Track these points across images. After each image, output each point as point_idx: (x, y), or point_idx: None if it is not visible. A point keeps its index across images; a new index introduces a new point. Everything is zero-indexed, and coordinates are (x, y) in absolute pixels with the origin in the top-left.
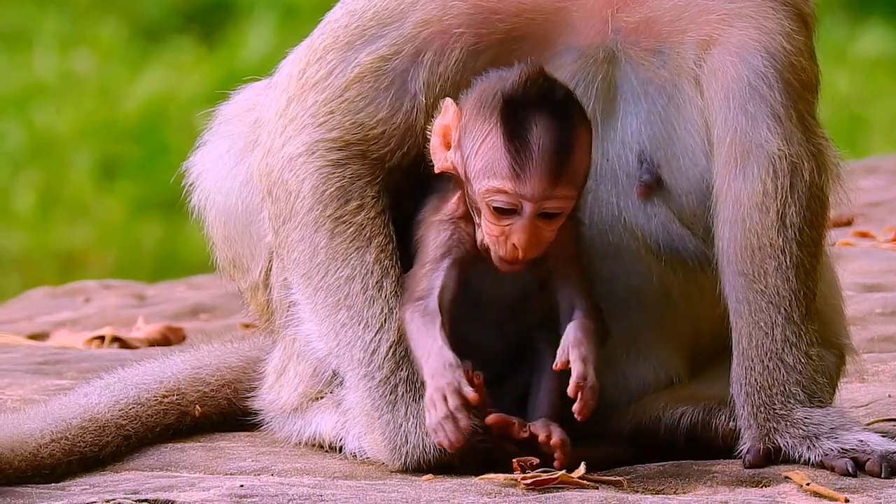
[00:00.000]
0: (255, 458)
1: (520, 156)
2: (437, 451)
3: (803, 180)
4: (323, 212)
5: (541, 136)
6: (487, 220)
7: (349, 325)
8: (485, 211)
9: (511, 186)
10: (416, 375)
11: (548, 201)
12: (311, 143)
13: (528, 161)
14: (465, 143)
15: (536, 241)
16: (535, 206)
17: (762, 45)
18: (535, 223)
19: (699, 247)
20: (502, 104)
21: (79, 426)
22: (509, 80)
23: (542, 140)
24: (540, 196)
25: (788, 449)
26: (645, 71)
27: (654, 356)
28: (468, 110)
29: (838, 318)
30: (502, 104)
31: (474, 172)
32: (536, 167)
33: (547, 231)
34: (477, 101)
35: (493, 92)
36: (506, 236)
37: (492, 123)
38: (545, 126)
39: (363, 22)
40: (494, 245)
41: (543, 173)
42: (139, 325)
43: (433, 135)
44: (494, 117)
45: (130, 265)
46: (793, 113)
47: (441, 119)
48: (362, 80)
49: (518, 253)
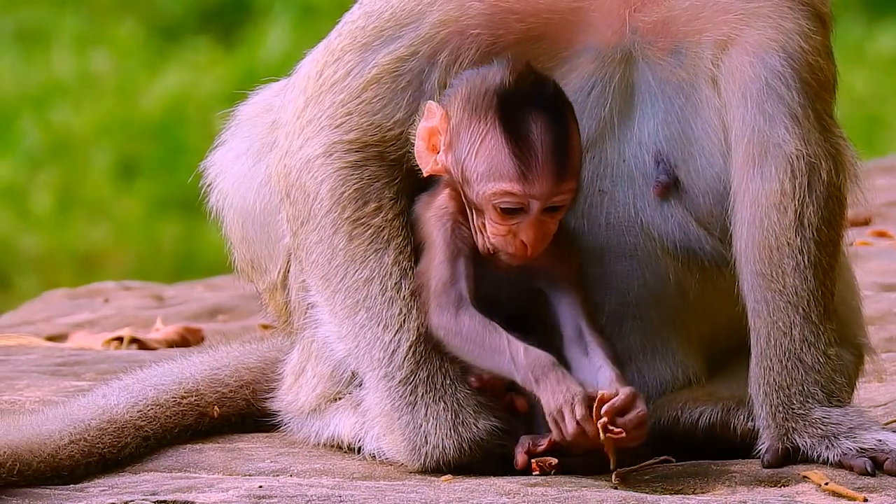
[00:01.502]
0: (273, 458)
1: (525, 157)
2: (456, 451)
3: (821, 180)
4: (341, 214)
5: (543, 135)
6: (493, 220)
7: (368, 325)
8: (490, 212)
9: (519, 188)
10: (436, 375)
11: (554, 197)
12: (328, 144)
13: (534, 161)
14: (459, 146)
15: (543, 236)
16: (542, 204)
17: (780, 45)
18: (541, 218)
19: (716, 247)
20: (497, 103)
21: (97, 427)
22: (498, 77)
23: (545, 139)
24: (549, 193)
25: (807, 448)
26: (662, 71)
27: (672, 356)
28: (458, 111)
29: (856, 318)
30: (497, 103)
31: (476, 175)
32: (543, 167)
33: (551, 224)
34: (466, 101)
35: (484, 91)
36: (513, 234)
37: (489, 124)
38: (545, 123)
39: (380, 23)
40: (502, 244)
41: (550, 172)
42: (158, 327)
43: (417, 139)
44: (490, 118)
45: (149, 266)
46: (810, 113)
47: (425, 122)
48: (380, 81)
49: (527, 249)
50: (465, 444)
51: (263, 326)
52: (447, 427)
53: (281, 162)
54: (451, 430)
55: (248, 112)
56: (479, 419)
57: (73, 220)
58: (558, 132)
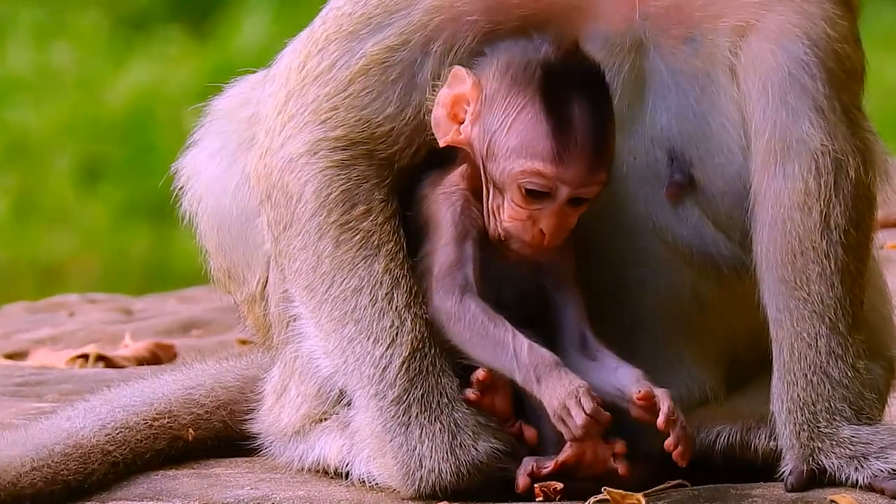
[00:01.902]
0: (253, 485)
1: (563, 138)
2: (453, 475)
3: (848, 178)
4: (327, 217)
5: (584, 119)
6: (514, 202)
7: (357, 339)
8: (513, 192)
9: (552, 170)
10: (431, 394)
11: (584, 187)
12: (313, 142)
13: (572, 144)
14: (490, 118)
15: (563, 227)
16: (571, 192)
17: (803, 32)
18: (566, 209)
19: (735, 252)
20: (541, 78)
21: (62, 453)
22: (543, 51)
23: (586, 123)
24: (580, 181)
25: (834, 470)
26: (676, 60)
27: (687, 369)
28: (494, 82)
29: (888, 328)
30: (541, 78)
31: (506, 150)
32: (581, 151)
33: (573, 217)
34: (505, 71)
35: (526, 63)
36: (533, 220)
37: (528, 97)
38: (588, 107)
39: (368, 9)
40: (518, 230)
41: (587, 158)
42: (126, 342)
43: (438, 105)
44: (531, 91)
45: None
46: (837, 105)
47: (451, 89)
48: (368, 72)
49: (544, 239)
50: (462, 468)
51: (241, 342)
52: (444, 449)
53: (261, 161)
54: (447, 453)
55: (224, 106)
56: (478, 441)
57: (33, 227)
58: (600, 119)
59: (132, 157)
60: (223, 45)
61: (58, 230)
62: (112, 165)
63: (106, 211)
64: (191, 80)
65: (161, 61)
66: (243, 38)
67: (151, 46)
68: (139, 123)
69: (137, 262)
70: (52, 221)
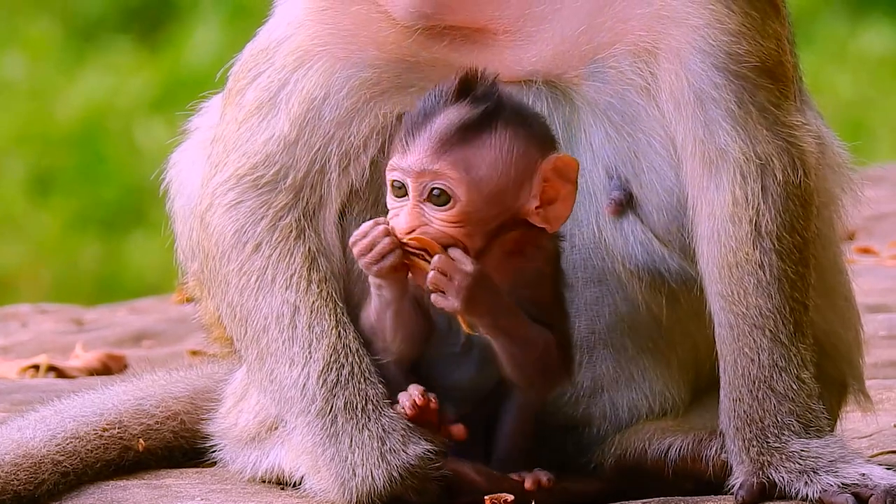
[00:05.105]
0: (204, 496)
1: (409, 126)
2: (386, 481)
3: (776, 181)
4: (227, 265)
5: (430, 109)
6: (389, 202)
7: (276, 370)
8: (388, 191)
9: (398, 158)
10: (354, 401)
11: (427, 176)
12: (214, 188)
13: (415, 131)
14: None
15: (416, 225)
16: (415, 183)
17: (695, 47)
18: (420, 208)
19: (683, 266)
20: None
21: (12, 462)
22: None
23: (429, 112)
24: (416, 165)
25: (784, 484)
26: (588, 93)
27: (648, 385)
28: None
29: (846, 353)
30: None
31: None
32: (418, 137)
33: (436, 221)
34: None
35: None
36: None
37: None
38: (438, 99)
39: (247, 62)
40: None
41: (423, 143)
42: (77, 353)
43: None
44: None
45: (67, 287)
46: (752, 108)
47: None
48: (250, 117)
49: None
50: (395, 472)
51: (192, 352)
52: (375, 456)
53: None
54: (378, 459)
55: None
56: (408, 444)
57: None
58: (456, 111)
59: (83, 167)
60: (174, 55)
61: (9, 241)
62: (63, 176)
63: (57, 221)
64: (142, 90)
65: (113, 72)
66: (195, 48)
67: (103, 57)
68: (90, 134)
69: (89, 272)
70: (2, 232)
